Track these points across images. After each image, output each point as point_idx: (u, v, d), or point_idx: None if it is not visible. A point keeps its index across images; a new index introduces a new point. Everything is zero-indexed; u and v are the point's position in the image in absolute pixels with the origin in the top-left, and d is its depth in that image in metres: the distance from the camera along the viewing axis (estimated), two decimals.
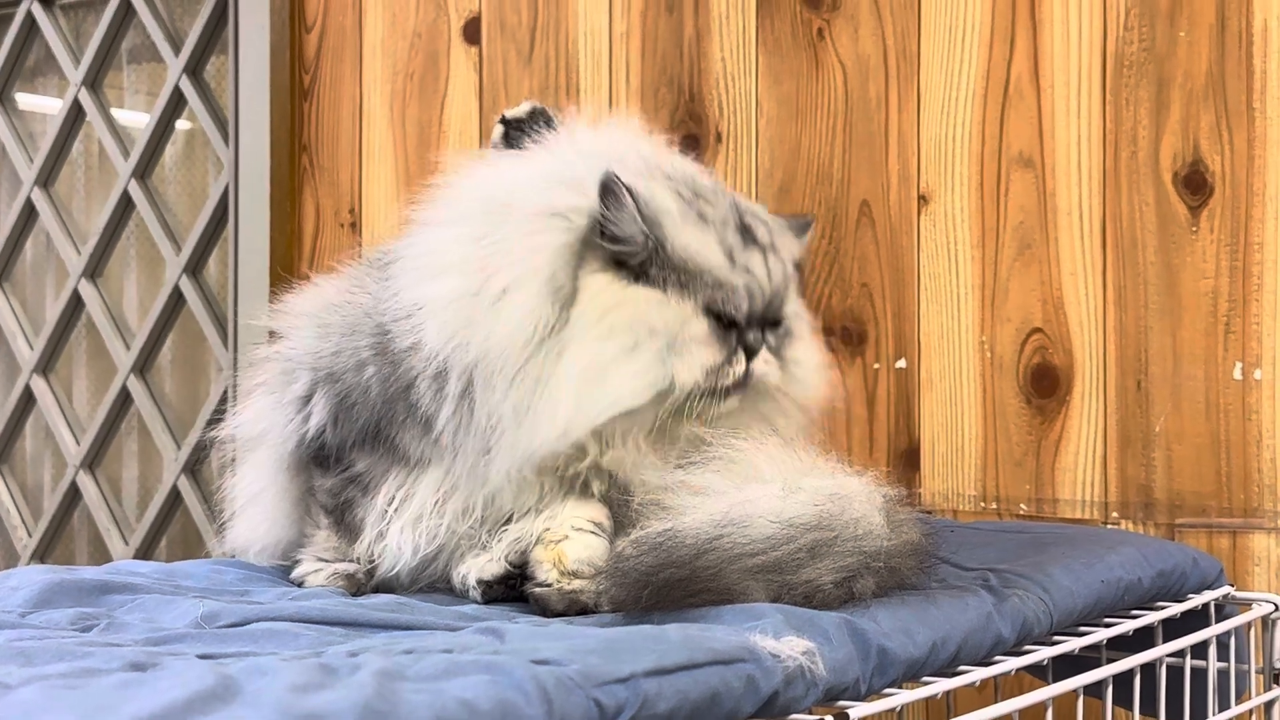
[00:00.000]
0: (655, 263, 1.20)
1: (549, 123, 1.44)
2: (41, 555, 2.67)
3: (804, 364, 1.29)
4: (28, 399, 2.68)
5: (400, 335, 1.24)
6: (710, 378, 1.20)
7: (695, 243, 1.21)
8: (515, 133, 1.44)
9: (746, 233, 1.24)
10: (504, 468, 1.20)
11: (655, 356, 1.18)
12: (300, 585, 1.31)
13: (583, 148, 1.29)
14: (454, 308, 1.20)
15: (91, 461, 2.61)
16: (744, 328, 1.22)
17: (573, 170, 1.24)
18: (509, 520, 1.25)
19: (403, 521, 1.27)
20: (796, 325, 1.30)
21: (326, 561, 1.33)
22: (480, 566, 1.25)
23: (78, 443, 2.62)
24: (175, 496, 2.49)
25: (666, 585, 1.08)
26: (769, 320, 1.25)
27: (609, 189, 1.18)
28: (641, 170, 1.24)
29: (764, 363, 1.24)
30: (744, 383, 1.22)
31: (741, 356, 1.22)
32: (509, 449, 1.19)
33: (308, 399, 1.31)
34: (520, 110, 1.45)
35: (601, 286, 1.19)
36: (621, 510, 1.23)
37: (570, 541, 1.21)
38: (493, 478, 1.21)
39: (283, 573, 1.37)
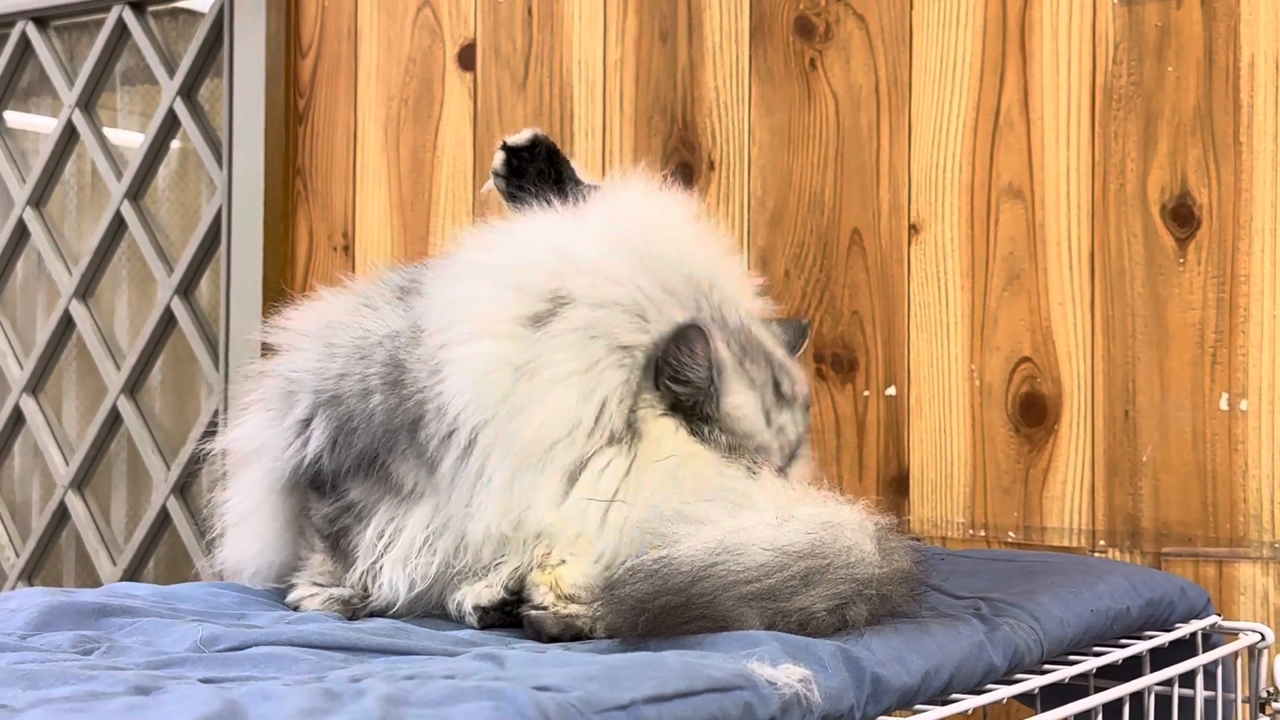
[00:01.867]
0: (704, 409, 1.24)
1: (551, 152, 1.46)
2: (29, 575, 2.67)
3: (799, 478, 1.35)
4: (17, 419, 2.69)
5: (418, 375, 1.24)
6: None
7: (745, 405, 1.26)
8: (516, 160, 1.45)
9: (778, 389, 1.30)
10: (484, 524, 1.22)
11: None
12: (296, 609, 1.31)
13: (631, 249, 1.28)
14: (483, 377, 1.21)
15: (80, 482, 2.61)
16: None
17: (634, 296, 1.25)
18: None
19: (394, 558, 1.28)
20: (802, 449, 1.35)
21: (322, 586, 1.33)
22: (477, 593, 1.25)
23: (67, 463, 2.62)
24: (164, 517, 2.49)
25: (662, 612, 1.09)
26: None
27: (690, 334, 1.22)
28: (689, 300, 1.26)
29: None
30: None
31: None
32: (498, 510, 1.21)
33: (308, 422, 1.31)
34: (522, 138, 1.46)
35: (667, 432, 1.23)
36: None
37: (567, 566, 1.22)
38: (471, 531, 1.23)
39: (277, 596, 1.37)
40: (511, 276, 1.26)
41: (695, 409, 1.24)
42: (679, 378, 1.23)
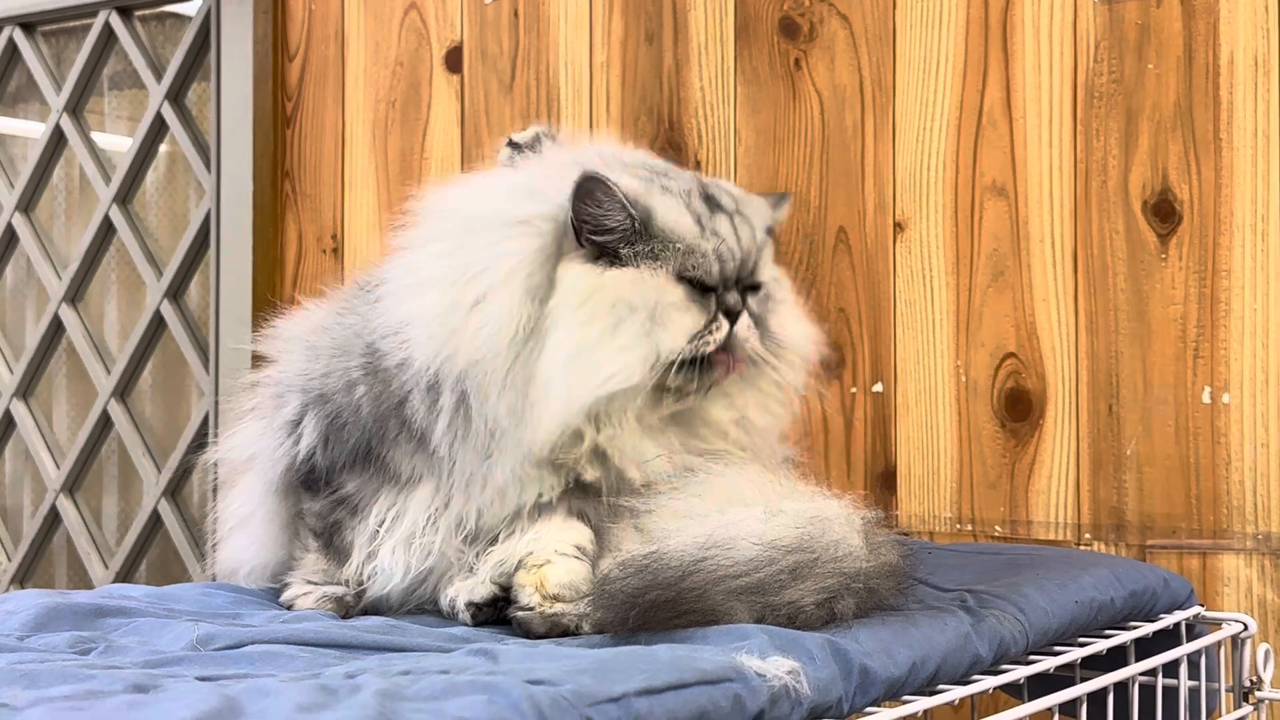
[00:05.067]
0: (630, 243, 1.22)
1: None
2: (21, 580, 2.68)
3: (788, 327, 1.31)
4: (8, 423, 2.69)
5: (389, 353, 1.27)
6: (694, 343, 1.22)
7: (666, 212, 1.24)
8: (519, 155, 1.48)
9: (711, 200, 1.27)
10: (508, 468, 1.23)
11: (638, 330, 1.20)
12: (289, 608, 1.32)
13: (546, 160, 1.35)
14: (438, 321, 1.23)
15: (72, 486, 2.61)
16: (721, 292, 1.24)
17: (533, 181, 1.29)
18: (497, 539, 1.27)
19: (394, 541, 1.29)
20: (777, 291, 1.32)
21: (315, 584, 1.34)
22: (470, 589, 1.27)
23: (58, 467, 2.62)
24: (155, 520, 2.50)
25: (653, 606, 1.10)
26: (746, 284, 1.26)
27: (587, 185, 1.21)
28: (600, 164, 1.27)
29: (746, 326, 1.24)
30: (726, 346, 1.23)
31: (723, 321, 1.23)
32: (512, 449, 1.22)
33: (298, 422, 1.33)
34: (526, 134, 1.49)
35: (577, 276, 1.22)
36: (605, 533, 1.26)
37: (552, 566, 1.23)
38: (497, 477, 1.23)
39: (271, 596, 1.38)
40: (441, 226, 1.29)
41: (629, 246, 1.22)
42: (599, 228, 1.22)
